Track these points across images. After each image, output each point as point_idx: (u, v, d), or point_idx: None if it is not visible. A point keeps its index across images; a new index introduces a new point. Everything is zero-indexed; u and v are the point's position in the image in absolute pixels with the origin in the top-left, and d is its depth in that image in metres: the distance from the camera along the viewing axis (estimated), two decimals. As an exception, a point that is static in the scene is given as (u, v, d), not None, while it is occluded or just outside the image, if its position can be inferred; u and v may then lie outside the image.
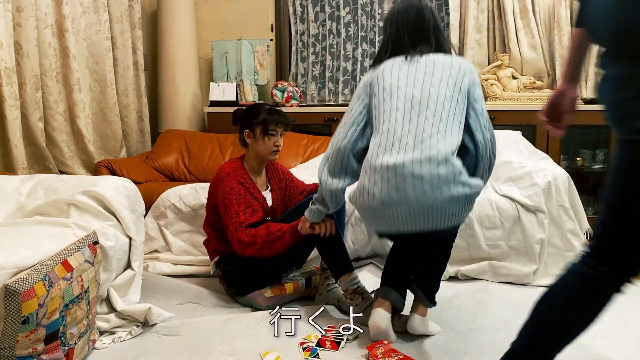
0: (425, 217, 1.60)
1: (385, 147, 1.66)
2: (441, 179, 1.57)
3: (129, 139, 3.85)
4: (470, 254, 2.51)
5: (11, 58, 2.73)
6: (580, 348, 1.77)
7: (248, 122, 2.26)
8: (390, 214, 1.63)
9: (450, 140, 1.62)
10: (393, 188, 1.60)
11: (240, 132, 2.30)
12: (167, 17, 3.88)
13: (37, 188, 2.03)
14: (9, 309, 1.34)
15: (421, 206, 1.58)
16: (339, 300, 2.11)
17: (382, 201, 1.63)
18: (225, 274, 2.21)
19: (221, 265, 2.22)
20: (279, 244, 2.03)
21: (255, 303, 2.14)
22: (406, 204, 1.59)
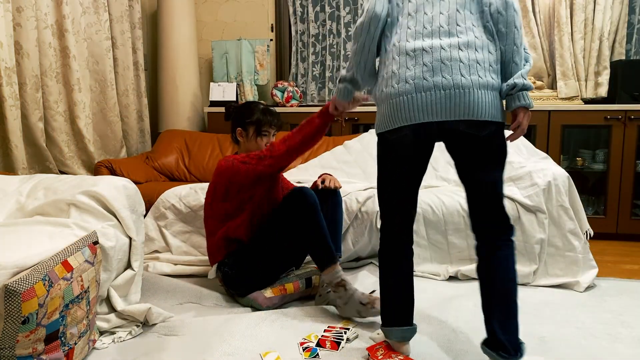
0: (460, 104, 1.49)
1: (416, 32, 1.56)
2: (479, 64, 1.50)
3: (129, 139, 3.86)
4: (470, 254, 2.51)
5: (11, 58, 2.73)
6: (581, 348, 1.77)
7: (241, 120, 2.28)
8: (423, 100, 1.51)
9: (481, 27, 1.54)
10: (428, 71, 1.51)
11: (232, 129, 2.32)
12: (167, 17, 3.88)
13: (37, 188, 2.03)
14: (9, 309, 1.35)
15: (457, 91, 1.49)
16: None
17: (415, 86, 1.52)
18: (225, 277, 2.21)
19: (222, 269, 2.22)
20: (309, 128, 2.05)
21: (256, 303, 2.14)
22: (441, 88, 1.49)
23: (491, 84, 1.50)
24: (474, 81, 1.48)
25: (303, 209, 2.05)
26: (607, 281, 2.46)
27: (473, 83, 1.48)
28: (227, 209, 2.20)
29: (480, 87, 1.48)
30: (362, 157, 3.19)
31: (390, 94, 1.57)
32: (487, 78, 1.49)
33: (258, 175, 2.11)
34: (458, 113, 1.49)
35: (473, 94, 1.48)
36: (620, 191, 3.27)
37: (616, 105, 3.25)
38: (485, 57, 1.51)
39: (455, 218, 2.51)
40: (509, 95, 1.51)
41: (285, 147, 2.08)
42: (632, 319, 2.02)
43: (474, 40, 1.51)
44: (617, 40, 3.48)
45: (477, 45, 1.51)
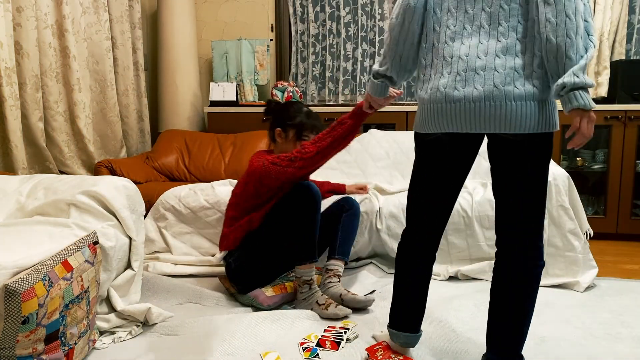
0: (490, 116, 1.40)
1: (455, 33, 1.46)
2: (517, 72, 1.38)
3: (129, 139, 3.86)
4: (470, 254, 2.51)
5: (11, 58, 2.73)
6: (581, 348, 1.77)
7: (282, 121, 2.21)
8: (452, 111, 1.44)
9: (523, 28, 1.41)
10: (461, 81, 1.43)
11: (271, 128, 2.25)
12: (167, 17, 3.88)
13: (37, 188, 2.03)
14: (9, 309, 1.35)
15: (487, 103, 1.40)
16: (340, 294, 2.12)
17: (445, 96, 1.45)
18: (229, 269, 2.20)
19: (227, 259, 2.21)
20: (340, 130, 1.99)
21: (256, 302, 2.15)
22: (471, 100, 1.41)
23: (530, 93, 1.37)
24: (507, 92, 1.37)
25: (304, 202, 2.06)
26: (607, 281, 2.46)
27: (506, 95, 1.37)
28: (254, 204, 2.17)
29: (515, 98, 1.37)
30: (362, 157, 3.19)
31: (423, 99, 1.53)
32: (525, 87, 1.37)
33: (288, 178, 2.07)
34: (488, 126, 1.41)
35: (505, 106, 1.38)
36: (620, 191, 3.27)
37: (616, 105, 3.25)
38: (527, 62, 1.38)
39: (455, 218, 2.51)
40: (560, 96, 1.33)
41: (315, 149, 2.03)
42: (632, 319, 2.02)
43: (515, 43, 1.38)
44: (617, 40, 3.48)
45: (518, 49, 1.38)
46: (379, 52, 3.95)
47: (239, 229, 2.19)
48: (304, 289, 2.11)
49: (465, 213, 2.50)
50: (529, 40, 1.38)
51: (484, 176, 2.93)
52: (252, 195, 2.16)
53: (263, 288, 2.18)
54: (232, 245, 2.19)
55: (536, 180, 1.45)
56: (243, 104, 3.87)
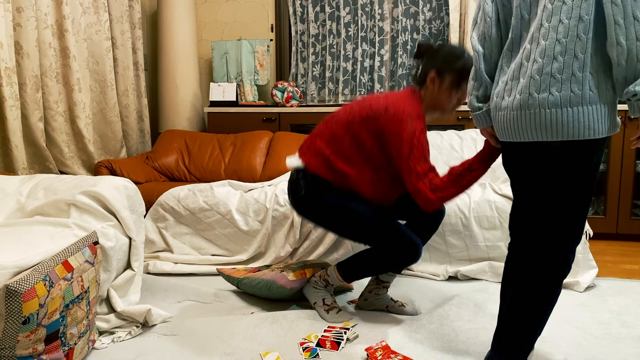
0: (542, 124, 1.35)
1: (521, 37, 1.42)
2: (575, 75, 1.31)
3: (129, 139, 3.86)
4: (469, 255, 2.51)
5: (11, 58, 2.73)
6: (581, 348, 1.77)
7: (441, 63, 1.87)
8: (505, 119, 1.41)
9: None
10: (507, 90, 1.41)
11: (423, 69, 1.91)
12: (167, 17, 3.88)
13: (37, 188, 2.03)
14: (9, 309, 1.35)
15: (543, 111, 1.34)
16: (387, 305, 2.10)
17: (495, 105, 1.44)
18: (296, 186, 1.96)
19: (303, 178, 1.94)
20: (469, 177, 1.72)
21: (277, 285, 2.06)
22: (527, 108, 1.36)
23: (587, 97, 1.30)
24: (563, 98, 1.31)
25: (402, 258, 1.91)
26: (607, 281, 2.46)
27: (562, 101, 1.31)
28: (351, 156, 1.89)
29: (572, 104, 1.30)
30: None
31: (492, 108, 1.51)
32: (583, 90, 1.29)
33: (412, 183, 1.77)
34: (524, 135, 1.38)
35: (558, 112, 1.32)
36: (620, 191, 3.27)
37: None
38: (586, 63, 1.29)
39: (453, 219, 2.50)
40: (628, 100, 1.28)
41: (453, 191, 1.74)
42: (632, 319, 2.02)
43: (575, 43, 1.29)
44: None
45: (577, 49, 1.29)
46: (378, 52, 3.95)
47: (335, 165, 1.90)
48: (321, 283, 2.08)
49: (463, 214, 2.50)
50: (570, 41, 1.30)
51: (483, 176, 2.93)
52: (358, 148, 1.87)
53: (284, 272, 2.13)
54: (320, 169, 1.91)
55: (568, 188, 1.40)
56: (243, 104, 3.87)
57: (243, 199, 2.72)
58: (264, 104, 3.89)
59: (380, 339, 1.84)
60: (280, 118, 3.74)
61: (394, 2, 3.94)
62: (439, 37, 3.93)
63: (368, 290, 2.13)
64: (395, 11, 3.95)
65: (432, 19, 3.91)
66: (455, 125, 3.50)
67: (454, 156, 3.09)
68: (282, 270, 2.14)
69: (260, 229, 2.66)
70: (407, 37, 3.93)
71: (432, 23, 3.92)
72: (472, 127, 3.47)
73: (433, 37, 3.93)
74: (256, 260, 2.67)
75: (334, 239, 2.58)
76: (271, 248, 2.65)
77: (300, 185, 1.95)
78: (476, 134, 3.17)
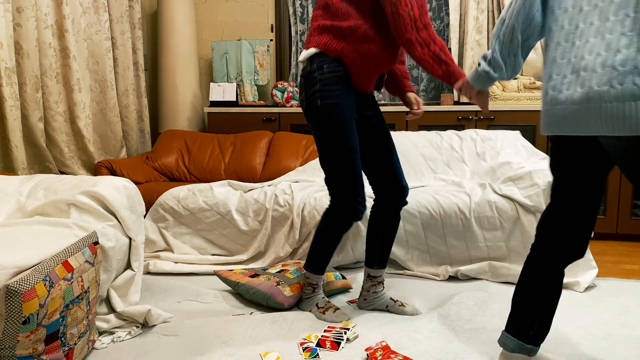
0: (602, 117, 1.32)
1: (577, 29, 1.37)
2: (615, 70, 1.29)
3: (129, 139, 3.86)
4: (469, 255, 2.51)
5: (11, 58, 2.73)
6: (581, 348, 1.77)
7: None
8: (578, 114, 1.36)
9: None
10: (566, 84, 1.37)
11: None
12: (167, 17, 3.88)
13: (37, 188, 2.03)
14: (10, 309, 1.35)
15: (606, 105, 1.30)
16: (387, 305, 2.10)
17: (566, 98, 1.38)
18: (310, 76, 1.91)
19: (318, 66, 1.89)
20: (437, 65, 1.78)
21: (274, 302, 2.10)
22: (588, 102, 1.33)
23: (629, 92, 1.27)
24: (626, 91, 1.27)
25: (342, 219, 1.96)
26: (607, 281, 2.46)
27: (625, 94, 1.27)
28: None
29: (635, 97, 1.27)
30: (362, 157, 3.19)
31: (545, 102, 1.47)
32: (624, 86, 1.27)
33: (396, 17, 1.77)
34: (604, 128, 1.33)
35: (621, 106, 1.28)
36: (620, 191, 3.27)
37: (616, 106, 3.24)
38: (630, 57, 1.27)
39: (454, 220, 2.50)
40: None
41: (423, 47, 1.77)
42: (632, 319, 2.02)
43: (620, 37, 1.29)
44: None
45: (622, 44, 1.28)
46: (378, 52, 3.95)
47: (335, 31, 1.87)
48: (308, 289, 2.11)
49: (463, 214, 2.50)
50: (636, 34, 1.27)
51: (483, 176, 2.93)
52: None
53: (280, 286, 2.14)
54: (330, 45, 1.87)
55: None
56: (243, 104, 3.87)
57: (243, 199, 2.72)
58: (264, 104, 3.89)
59: (380, 339, 1.84)
60: (280, 118, 3.74)
61: (394, 2, 3.94)
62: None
63: (365, 290, 2.13)
64: (395, 11, 3.94)
65: (432, 19, 3.91)
66: (455, 125, 3.50)
67: (454, 156, 3.09)
68: (279, 284, 2.15)
69: (260, 229, 2.66)
70: (407, 37, 3.93)
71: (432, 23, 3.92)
72: (471, 127, 3.47)
73: (433, 37, 3.93)
74: (256, 261, 2.67)
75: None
76: (271, 248, 2.65)
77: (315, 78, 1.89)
78: (476, 134, 3.17)
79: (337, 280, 2.28)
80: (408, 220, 2.54)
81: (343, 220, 1.96)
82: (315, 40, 1.90)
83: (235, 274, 2.28)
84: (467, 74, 1.74)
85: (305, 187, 2.82)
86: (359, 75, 1.89)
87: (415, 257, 2.56)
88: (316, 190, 2.73)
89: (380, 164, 2.03)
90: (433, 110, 3.51)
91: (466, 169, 3.02)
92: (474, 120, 3.46)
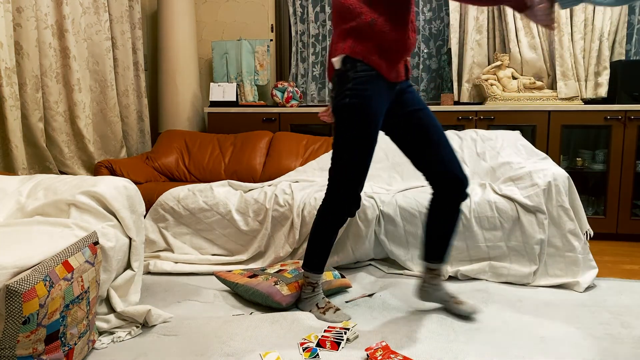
0: None
1: None
2: None
3: (129, 139, 3.86)
4: (469, 255, 2.51)
5: (11, 58, 2.73)
6: (581, 348, 1.77)
7: None
8: None
9: None
10: None
11: None
12: (167, 17, 3.88)
13: (37, 188, 2.03)
14: (10, 309, 1.35)
15: None
16: (443, 299, 2.07)
17: None
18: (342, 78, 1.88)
19: (348, 68, 1.87)
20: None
21: (272, 301, 2.10)
22: None
23: None
24: None
25: (336, 214, 1.98)
26: (607, 281, 2.46)
27: None
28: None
29: None
30: (362, 157, 3.18)
31: None
32: None
33: None
34: None
35: None
36: (620, 191, 3.27)
37: (616, 106, 3.25)
38: None
39: (455, 218, 2.50)
40: None
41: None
42: (632, 319, 2.02)
43: None
44: (617, 41, 3.48)
45: None
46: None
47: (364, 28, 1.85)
48: (308, 289, 2.10)
49: (464, 215, 2.50)
50: None
51: (483, 177, 2.93)
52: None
53: (278, 286, 2.14)
54: (354, 47, 1.86)
55: None
56: (243, 104, 3.87)
57: (243, 199, 2.72)
58: (264, 104, 3.89)
59: (380, 339, 1.84)
60: (280, 118, 3.74)
61: (394, 2, 3.94)
62: (439, 37, 3.93)
63: (423, 281, 2.10)
64: (395, 11, 3.94)
65: (432, 19, 3.91)
66: (455, 125, 3.50)
67: (454, 156, 3.09)
68: (276, 283, 2.14)
69: (260, 229, 2.66)
70: (407, 37, 3.93)
71: (432, 23, 3.92)
72: (471, 127, 3.47)
73: (433, 37, 3.93)
74: (256, 261, 2.67)
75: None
76: (271, 248, 2.65)
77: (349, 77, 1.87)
78: (476, 134, 3.17)
79: (335, 280, 2.28)
80: (408, 220, 2.54)
81: (337, 216, 1.97)
82: (341, 47, 1.90)
83: (234, 274, 2.28)
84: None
85: (305, 187, 2.82)
86: (388, 68, 1.88)
87: (415, 257, 2.56)
88: (316, 190, 2.73)
89: (430, 157, 1.98)
90: (433, 110, 3.51)
91: (466, 169, 3.03)
92: (474, 120, 3.46)
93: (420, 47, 3.94)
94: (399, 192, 2.73)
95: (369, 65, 1.86)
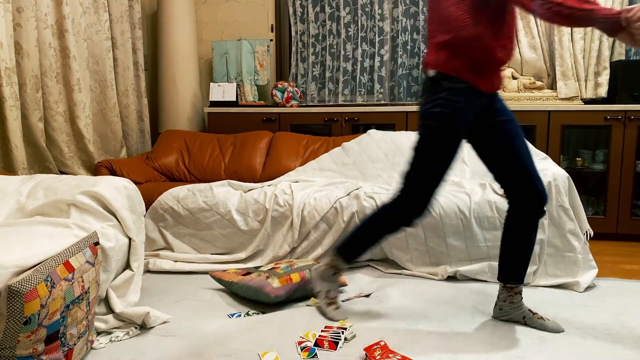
0: None
1: None
2: None
3: (129, 139, 3.86)
4: (469, 255, 2.51)
5: (11, 58, 2.73)
6: (581, 348, 1.77)
7: None
8: None
9: None
10: None
11: None
12: (167, 17, 3.88)
13: (37, 188, 2.03)
14: (11, 310, 1.35)
15: None
16: (524, 317, 1.99)
17: None
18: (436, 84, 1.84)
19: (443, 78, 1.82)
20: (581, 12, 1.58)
21: (263, 293, 2.09)
22: None
23: None
24: None
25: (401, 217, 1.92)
26: (607, 281, 2.46)
27: None
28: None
29: None
30: (361, 159, 3.19)
31: None
32: None
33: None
34: None
35: None
36: (620, 191, 3.27)
37: (616, 106, 3.25)
38: None
39: (453, 220, 2.50)
40: None
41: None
42: (632, 319, 2.02)
43: None
44: (617, 41, 3.48)
45: None
46: (378, 52, 3.95)
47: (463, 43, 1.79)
48: (330, 271, 2.05)
49: (463, 215, 2.50)
50: None
51: (483, 176, 2.93)
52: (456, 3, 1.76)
53: (269, 279, 2.14)
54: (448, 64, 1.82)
55: None
56: (243, 104, 3.87)
57: (243, 199, 2.72)
58: (264, 104, 3.89)
59: (379, 338, 1.84)
60: (280, 118, 3.74)
61: (394, 2, 3.94)
62: (439, 37, 3.92)
63: (502, 300, 2.01)
64: (395, 11, 3.95)
65: (432, 19, 3.91)
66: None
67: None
68: (268, 277, 2.14)
69: (260, 229, 2.66)
70: (407, 37, 3.93)
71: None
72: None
73: (433, 37, 3.92)
74: (254, 259, 2.67)
75: (333, 240, 2.58)
76: (269, 247, 2.65)
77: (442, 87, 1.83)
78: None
79: None
80: (408, 220, 2.54)
81: (407, 217, 1.90)
82: (434, 60, 1.84)
83: (228, 274, 2.29)
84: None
85: (305, 187, 2.82)
86: (482, 82, 1.84)
87: (415, 258, 2.56)
88: (316, 190, 2.73)
89: (513, 170, 1.91)
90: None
91: (466, 169, 3.03)
92: (473, 120, 3.46)
93: (420, 47, 3.94)
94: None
95: (463, 79, 1.82)
